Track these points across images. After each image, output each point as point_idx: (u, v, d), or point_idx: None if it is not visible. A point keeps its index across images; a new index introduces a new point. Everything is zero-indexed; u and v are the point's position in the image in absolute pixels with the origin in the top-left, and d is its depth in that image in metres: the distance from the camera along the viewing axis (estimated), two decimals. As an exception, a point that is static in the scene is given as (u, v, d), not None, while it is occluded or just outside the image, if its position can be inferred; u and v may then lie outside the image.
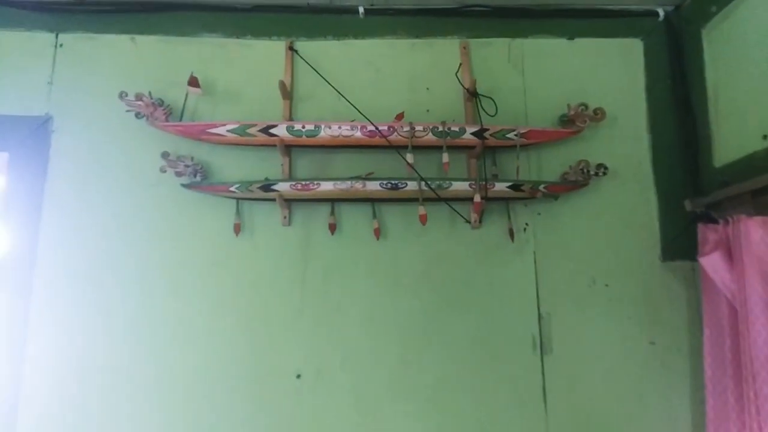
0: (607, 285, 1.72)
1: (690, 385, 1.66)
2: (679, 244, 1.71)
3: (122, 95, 1.67)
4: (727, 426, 1.48)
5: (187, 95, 1.72)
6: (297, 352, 1.65)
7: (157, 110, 1.69)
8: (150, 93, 1.68)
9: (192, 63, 1.77)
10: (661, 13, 1.85)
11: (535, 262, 1.73)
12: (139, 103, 1.68)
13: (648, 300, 1.71)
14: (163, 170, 1.67)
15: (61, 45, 1.79)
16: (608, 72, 1.85)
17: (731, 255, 1.47)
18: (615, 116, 1.80)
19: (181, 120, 1.71)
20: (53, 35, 1.80)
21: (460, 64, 1.80)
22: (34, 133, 1.75)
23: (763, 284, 1.37)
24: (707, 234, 1.58)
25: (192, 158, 1.69)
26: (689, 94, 1.78)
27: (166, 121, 1.69)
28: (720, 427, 1.50)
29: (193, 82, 1.69)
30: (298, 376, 1.63)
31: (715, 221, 1.57)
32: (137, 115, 1.69)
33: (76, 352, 1.61)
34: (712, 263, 1.50)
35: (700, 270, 1.59)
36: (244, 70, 1.81)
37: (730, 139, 1.64)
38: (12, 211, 1.70)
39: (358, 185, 1.65)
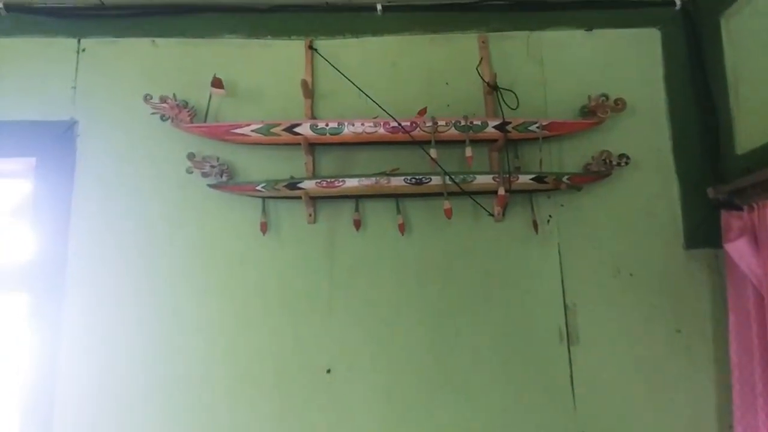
0: (631, 274, 1.74)
1: (716, 372, 1.68)
2: (702, 231, 1.73)
3: (147, 98, 1.70)
4: (755, 411, 1.50)
5: (210, 96, 1.74)
6: (327, 347, 1.67)
7: (182, 112, 1.71)
8: (174, 95, 1.70)
9: (213, 64, 1.79)
10: (678, 2, 1.85)
11: (559, 253, 1.75)
12: (164, 105, 1.70)
13: (673, 288, 1.73)
14: (189, 171, 1.70)
15: (83, 50, 1.81)
16: (627, 62, 1.86)
17: (757, 241, 1.49)
18: (635, 106, 1.81)
19: (205, 121, 1.74)
20: (75, 40, 1.82)
21: (481, 59, 1.82)
22: (60, 137, 1.77)
23: (789, 270, 1.39)
24: (731, 221, 1.59)
25: (217, 159, 1.71)
26: (708, 82, 1.79)
27: (191, 122, 1.72)
28: (747, 412, 1.53)
29: (217, 83, 1.71)
30: (329, 371, 1.66)
31: (738, 208, 1.59)
32: (162, 118, 1.72)
33: (109, 351, 1.65)
34: (739, 250, 1.52)
35: (725, 257, 1.61)
36: (264, 70, 1.83)
37: (752, 125, 1.65)
38: (41, 214, 1.73)
39: (383, 181, 1.67)
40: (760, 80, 1.62)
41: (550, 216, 1.77)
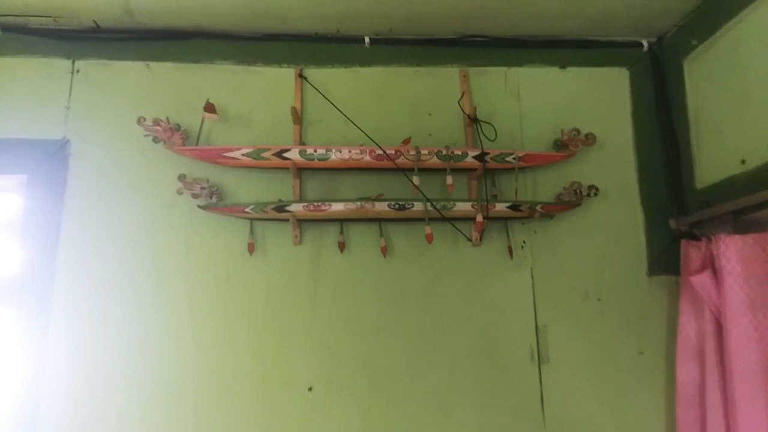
0: (599, 299, 1.84)
1: (675, 392, 1.76)
2: (664, 259, 1.84)
3: (140, 120, 1.74)
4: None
5: (203, 120, 1.80)
6: (309, 365, 1.73)
7: (174, 135, 1.76)
8: (167, 118, 1.76)
9: (205, 89, 1.85)
10: (645, 44, 1.99)
11: (532, 277, 1.84)
12: (157, 128, 1.76)
13: (636, 312, 1.83)
14: (179, 192, 1.75)
15: (77, 71, 1.86)
16: (598, 99, 1.98)
17: (716, 272, 1.60)
18: (604, 140, 1.92)
19: (197, 144, 1.80)
20: (70, 61, 1.86)
21: (463, 93, 1.92)
22: (52, 156, 1.80)
23: (741, 298, 1.50)
24: (690, 250, 1.70)
25: (207, 181, 1.77)
26: (672, 119, 1.92)
27: (183, 145, 1.77)
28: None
29: (210, 108, 1.77)
30: (310, 389, 1.71)
31: (697, 239, 1.70)
32: (155, 140, 1.77)
33: (94, 368, 1.67)
34: (701, 282, 1.61)
35: (682, 283, 1.72)
36: (255, 96, 1.89)
37: (711, 162, 1.78)
38: (30, 230, 1.75)
39: (368, 206, 1.75)
40: (718, 120, 1.75)
41: (524, 242, 1.87)
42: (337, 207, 1.75)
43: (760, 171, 1.56)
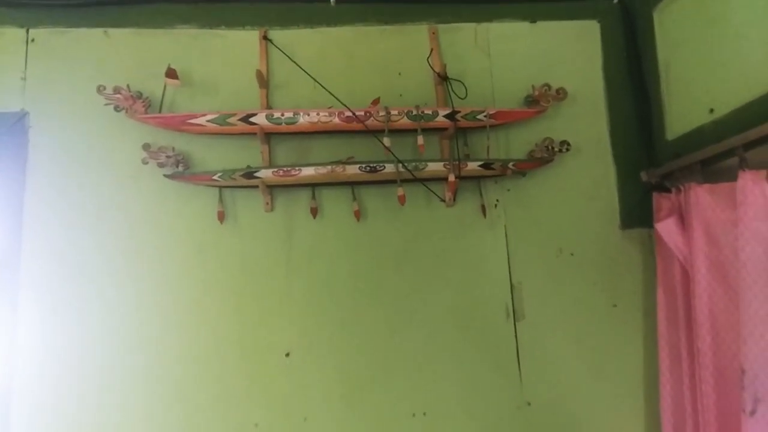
0: (572, 254, 1.85)
1: (647, 342, 1.81)
2: (637, 213, 1.86)
3: (100, 89, 1.69)
4: (680, 375, 1.63)
5: (165, 87, 1.75)
6: (285, 331, 1.73)
7: (136, 103, 1.72)
8: (128, 86, 1.71)
9: (167, 55, 1.79)
10: (616, -5, 1.96)
11: (506, 235, 1.84)
12: (118, 96, 1.71)
13: (609, 266, 1.85)
14: (144, 162, 1.71)
15: (32, 40, 1.79)
16: (568, 53, 1.96)
17: (683, 220, 1.61)
18: (575, 95, 1.91)
19: (160, 112, 1.75)
20: (24, 30, 1.79)
21: (431, 50, 1.88)
22: (10, 129, 1.75)
23: (708, 245, 1.51)
24: (661, 202, 1.72)
25: (173, 149, 1.73)
26: (643, 72, 1.91)
27: (146, 113, 1.72)
28: (672, 377, 1.66)
29: (172, 74, 1.72)
30: (287, 355, 1.72)
31: (668, 190, 1.71)
32: (116, 108, 1.72)
33: (67, 343, 1.65)
34: (667, 228, 1.64)
35: (656, 236, 1.73)
36: (219, 60, 1.84)
37: (681, 113, 1.77)
38: (-7, 206, 1.71)
39: (339, 169, 1.72)
40: (687, 71, 1.74)
41: (497, 200, 1.86)
42: (308, 171, 1.72)
43: (728, 119, 1.56)
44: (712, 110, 1.63)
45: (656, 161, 1.84)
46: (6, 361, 1.64)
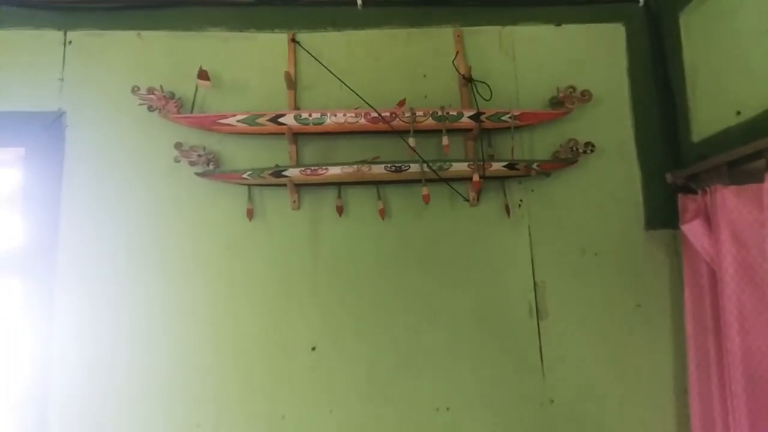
0: (596, 254, 1.85)
1: (672, 342, 1.81)
2: (661, 214, 1.85)
3: (134, 89, 1.75)
4: (708, 376, 1.63)
5: (197, 88, 1.80)
6: (311, 326, 1.76)
7: (168, 103, 1.77)
8: (161, 86, 1.76)
9: (198, 57, 1.84)
10: (641, -1, 1.97)
11: (529, 235, 1.86)
12: (152, 96, 1.76)
13: (633, 266, 1.85)
14: (176, 160, 1.76)
15: (69, 42, 1.85)
16: (593, 56, 1.97)
17: (709, 222, 1.61)
18: (600, 97, 1.91)
19: (191, 112, 1.80)
20: (61, 33, 1.85)
21: (457, 53, 1.90)
22: (48, 128, 1.81)
23: (736, 246, 1.51)
24: (687, 203, 1.72)
25: (204, 148, 1.77)
26: (668, 74, 1.91)
27: (178, 113, 1.77)
28: (701, 378, 1.66)
29: (203, 75, 1.77)
30: (314, 349, 1.75)
31: (694, 192, 1.71)
32: (150, 108, 1.77)
33: (101, 334, 1.70)
34: (693, 230, 1.63)
35: (681, 237, 1.73)
36: (248, 62, 1.88)
37: (707, 115, 1.77)
38: (31, 202, 1.76)
39: (365, 169, 1.75)
40: (713, 73, 1.74)
41: (521, 200, 1.88)
42: (334, 171, 1.75)
43: (755, 121, 1.56)
44: (738, 112, 1.63)
45: (681, 163, 1.84)
46: (43, 349, 1.69)
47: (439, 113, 1.79)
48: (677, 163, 1.85)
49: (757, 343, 1.46)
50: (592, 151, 1.85)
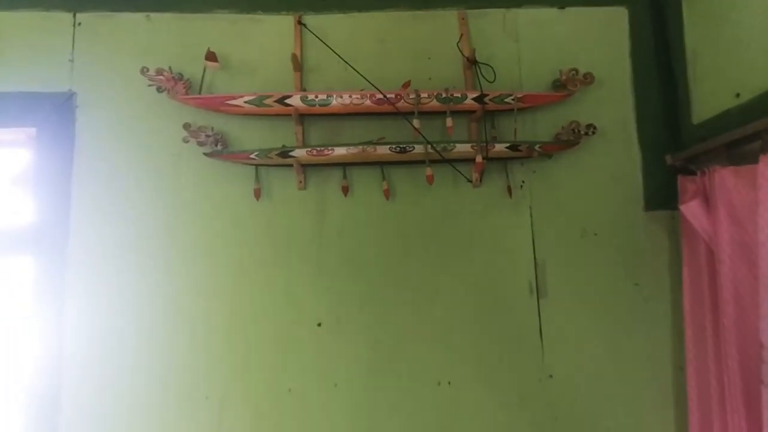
0: (596, 234, 1.89)
1: (670, 320, 1.85)
2: (661, 195, 1.88)
3: (143, 70, 1.78)
4: (705, 351, 1.67)
5: (205, 69, 1.82)
6: (317, 303, 1.80)
7: (177, 84, 1.80)
8: (170, 68, 1.79)
9: (206, 39, 1.86)
10: (644, -19, 1.98)
11: (531, 215, 1.89)
12: (161, 77, 1.79)
13: (633, 246, 1.89)
14: (185, 140, 1.79)
15: (79, 24, 1.87)
16: (596, 38, 1.98)
17: (708, 202, 1.64)
18: (602, 80, 1.94)
19: (200, 93, 1.83)
20: (71, 14, 1.87)
21: (461, 35, 1.93)
22: (58, 108, 1.84)
23: (733, 226, 1.54)
24: (686, 184, 1.75)
25: (212, 129, 1.80)
26: (670, 57, 1.93)
27: (186, 94, 1.80)
28: (698, 353, 1.70)
29: (211, 56, 1.80)
30: (319, 325, 1.79)
31: (693, 173, 1.74)
32: (158, 89, 1.80)
33: (112, 313, 1.74)
34: (692, 210, 1.66)
35: (680, 217, 1.77)
36: (256, 44, 1.91)
37: (707, 97, 1.79)
38: (43, 181, 1.80)
39: (370, 149, 1.78)
40: (714, 56, 1.76)
41: (523, 182, 1.91)
42: (340, 151, 1.78)
43: (754, 103, 1.58)
44: (738, 95, 1.65)
45: (681, 145, 1.87)
46: (56, 325, 1.73)
47: (444, 95, 1.81)
48: (677, 145, 1.88)
49: (752, 320, 1.49)
50: (593, 133, 1.88)
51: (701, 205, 1.66)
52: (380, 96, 1.79)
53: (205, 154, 1.79)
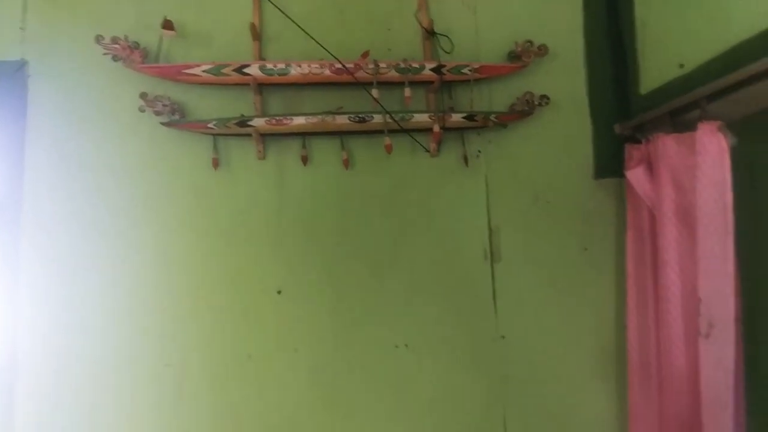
0: (548, 201, 1.96)
1: (615, 283, 1.94)
2: (610, 163, 1.95)
3: (98, 39, 1.75)
4: (646, 311, 1.77)
5: (161, 38, 1.81)
6: (277, 270, 1.83)
7: (133, 53, 1.77)
8: (126, 36, 1.77)
9: (163, 7, 1.83)
10: (597, -46, 2.03)
11: (486, 184, 1.95)
12: (116, 46, 1.76)
13: (582, 213, 1.96)
14: (141, 110, 1.77)
15: (30, -10, 1.84)
16: (551, 11, 2.02)
17: (651, 168, 1.72)
18: (556, 52, 1.99)
19: (157, 62, 1.81)
20: (21, -19, 1.83)
21: (419, 6, 1.95)
22: (10, 77, 1.80)
23: (675, 190, 1.62)
24: (632, 152, 1.82)
25: (169, 98, 1.79)
26: (621, 29, 1.99)
27: (142, 63, 1.79)
28: (639, 313, 1.80)
29: (168, 25, 1.77)
30: (279, 292, 1.82)
31: (639, 141, 1.81)
32: (114, 58, 1.77)
33: (68, 283, 1.74)
34: (636, 176, 1.74)
35: (626, 184, 1.84)
36: (213, 12, 1.89)
37: (653, 69, 1.86)
38: (-5, 154, 1.78)
39: (329, 119, 1.80)
40: (661, 28, 1.82)
41: (479, 151, 1.96)
42: (299, 121, 1.80)
43: (696, 73, 1.65)
44: (682, 65, 1.72)
45: (630, 115, 1.93)
46: (11, 296, 1.73)
47: (402, 65, 1.84)
48: (626, 115, 1.95)
49: (690, 278, 1.58)
50: (546, 103, 1.93)
51: (645, 171, 1.73)
52: (339, 66, 1.81)
53: (162, 123, 1.79)
